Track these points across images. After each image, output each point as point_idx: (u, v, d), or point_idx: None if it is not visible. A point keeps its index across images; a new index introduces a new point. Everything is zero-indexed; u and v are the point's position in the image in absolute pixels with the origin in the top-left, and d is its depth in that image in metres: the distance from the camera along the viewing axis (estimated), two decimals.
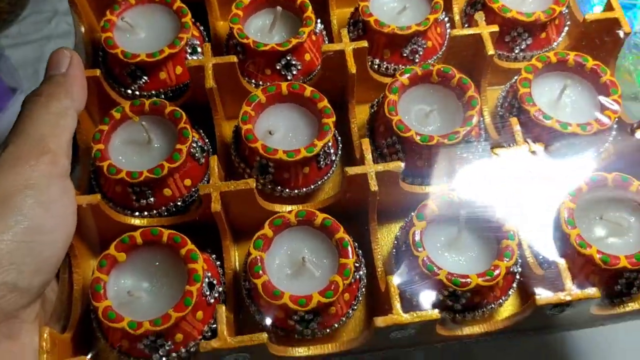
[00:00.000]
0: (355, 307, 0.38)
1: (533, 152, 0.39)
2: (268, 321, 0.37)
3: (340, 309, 0.37)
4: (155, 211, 0.41)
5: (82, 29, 0.47)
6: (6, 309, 0.32)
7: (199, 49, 0.47)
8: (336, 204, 0.41)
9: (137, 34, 0.46)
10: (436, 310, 0.34)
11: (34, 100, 0.38)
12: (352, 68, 0.43)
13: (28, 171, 0.34)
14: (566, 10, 0.48)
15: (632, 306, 0.37)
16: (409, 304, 0.36)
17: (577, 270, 0.37)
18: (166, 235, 0.37)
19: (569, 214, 0.37)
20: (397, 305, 0.34)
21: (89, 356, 0.36)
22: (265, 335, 0.33)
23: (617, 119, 0.41)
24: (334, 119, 0.41)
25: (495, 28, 0.44)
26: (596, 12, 0.62)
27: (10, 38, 0.72)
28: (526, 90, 0.42)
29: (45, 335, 0.33)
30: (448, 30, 0.48)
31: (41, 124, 0.37)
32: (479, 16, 0.45)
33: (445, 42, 0.48)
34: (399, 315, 0.34)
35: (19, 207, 0.33)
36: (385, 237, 0.42)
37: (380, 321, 0.33)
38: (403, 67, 0.47)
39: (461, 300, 0.37)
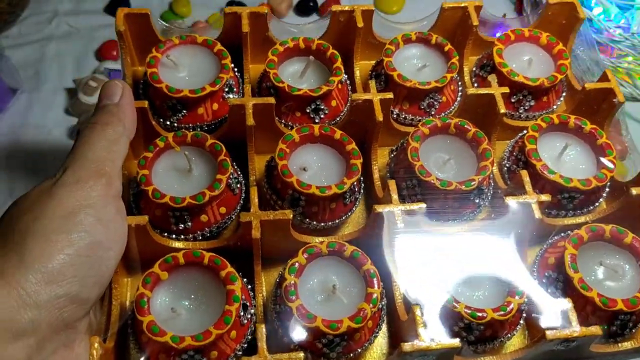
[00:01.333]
0: (377, 335, 0.41)
1: (541, 202, 0.43)
2: (298, 343, 0.39)
3: (364, 335, 0.40)
4: (191, 235, 0.44)
5: (126, 64, 0.50)
6: (67, 319, 0.34)
7: (234, 89, 0.51)
8: (361, 237, 0.44)
9: (179, 71, 0.49)
10: (457, 340, 0.37)
11: (90, 128, 0.41)
12: (379, 116, 0.47)
13: (87, 191, 0.37)
14: (564, 78, 0.54)
15: (625, 345, 0.41)
16: (427, 332, 0.39)
17: (578, 310, 0.41)
18: (207, 258, 0.40)
19: (572, 259, 0.41)
20: (422, 332, 0.37)
21: None
22: (302, 354, 0.36)
23: (611, 177, 0.46)
24: (361, 160, 0.45)
25: (506, 90, 0.49)
26: (595, 12, 0.68)
27: (11, 38, 0.73)
28: (533, 146, 0.47)
29: (96, 344, 0.35)
30: (460, 88, 0.54)
31: (98, 149, 0.39)
32: (492, 78, 0.50)
33: (458, 98, 0.53)
34: (424, 342, 0.37)
35: (82, 223, 0.35)
36: (403, 270, 0.45)
37: (407, 346, 0.36)
38: (420, 118, 0.51)
39: (474, 332, 0.40)
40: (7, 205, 0.61)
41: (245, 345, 0.40)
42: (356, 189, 0.47)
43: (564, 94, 0.54)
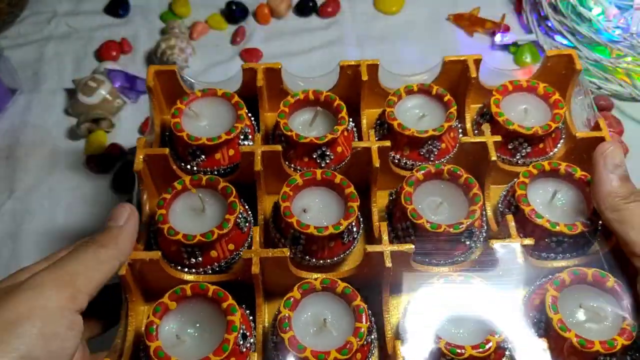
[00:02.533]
0: None
1: (524, 246, 0.46)
2: None
3: None
4: (201, 269, 0.49)
5: (155, 114, 0.56)
6: None
7: (250, 136, 0.56)
8: (356, 275, 0.48)
9: (200, 121, 0.55)
10: None
11: (86, 244, 0.42)
12: (376, 162, 0.51)
13: (44, 300, 0.36)
14: (562, 126, 0.56)
15: None
16: None
17: (557, 351, 0.42)
18: (211, 290, 0.44)
19: (553, 301, 0.43)
20: None
21: None
22: None
23: (600, 224, 0.48)
24: (358, 203, 0.49)
25: (498, 138, 0.52)
26: (594, 12, 0.70)
27: (10, 39, 0.73)
28: (522, 192, 0.49)
29: None
30: (460, 135, 0.57)
31: (80, 262, 0.40)
32: (486, 127, 0.53)
33: (457, 144, 0.56)
34: None
35: (22, 334, 0.35)
36: (394, 307, 0.48)
37: None
38: (419, 163, 0.55)
39: None
40: (6, 205, 0.65)
41: None
42: (355, 229, 0.50)
43: (561, 140, 0.56)
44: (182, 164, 0.54)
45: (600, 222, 0.48)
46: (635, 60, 0.70)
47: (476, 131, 0.58)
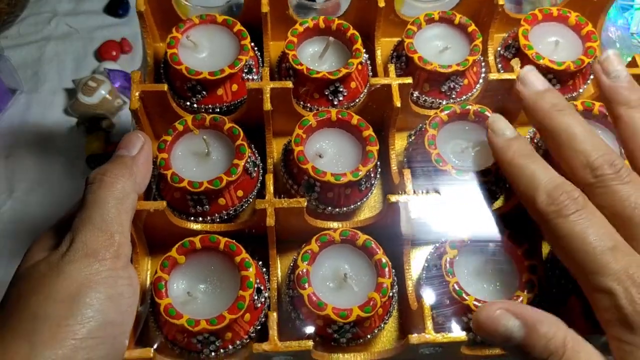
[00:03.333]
0: (387, 322, 0.42)
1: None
2: (309, 328, 0.41)
3: (374, 322, 0.41)
4: (209, 217, 0.45)
5: (148, 43, 0.51)
6: None
7: (254, 69, 0.51)
8: (375, 225, 0.45)
9: (199, 52, 0.50)
10: (464, 333, 0.38)
11: (99, 179, 0.39)
12: (397, 102, 0.46)
13: (97, 267, 0.36)
14: (594, 61, 0.52)
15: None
16: (436, 323, 0.40)
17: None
18: (223, 243, 0.41)
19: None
20: (429, 325, 0.38)
21: (154, 347, 0.39)
22: (310, 342, 0.37)
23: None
24: (377, 147, 0.45)
25: None
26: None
27: (10, 39, 0.73)
28: None
29: None
30: (483, 70, 0.52)
31: (106, 211, 0.37)
32: (515, 62, 0.49)
33: (480, 80, 0.52)
34: (431, 334, 0.38)
35: (92, 304, 0.34)
36: (416, 258, 0.46)
37: (414, 339, 0.37)
38: (440, 101, 0.51)
39: None
40: (6, 205, 0.64)
41: (259, 327, 0.41)
42: (372, 175, 0.47)
43: (591, 76, 0.52)
44: (181, 101, 0.49)
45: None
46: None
47: (500, 65, 0.53)
